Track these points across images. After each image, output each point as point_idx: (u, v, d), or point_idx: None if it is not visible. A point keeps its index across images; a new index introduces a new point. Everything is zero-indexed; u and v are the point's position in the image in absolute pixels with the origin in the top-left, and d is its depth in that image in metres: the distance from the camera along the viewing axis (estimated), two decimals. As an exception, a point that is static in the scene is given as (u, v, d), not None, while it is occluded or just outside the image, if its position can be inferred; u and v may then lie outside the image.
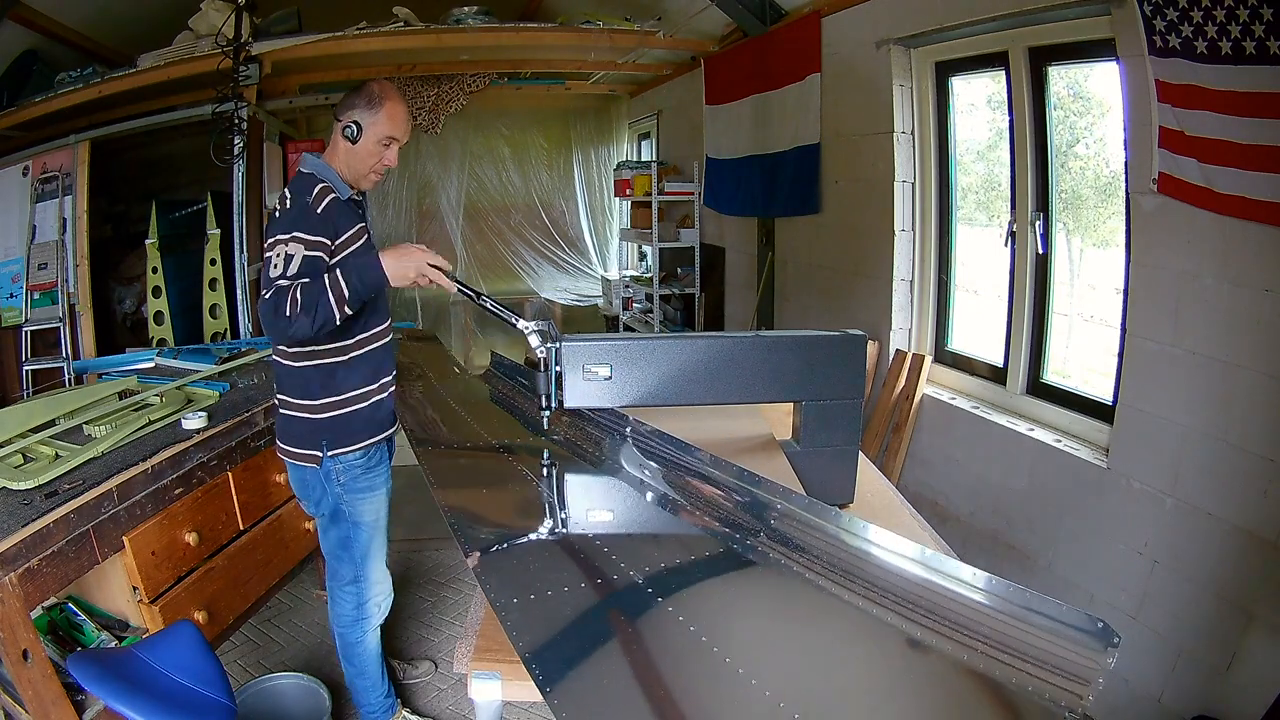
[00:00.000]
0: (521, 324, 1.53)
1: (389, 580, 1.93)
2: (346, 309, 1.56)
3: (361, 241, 1.70)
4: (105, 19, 3.95)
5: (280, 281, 1.53)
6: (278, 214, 1.65)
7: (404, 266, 1.59)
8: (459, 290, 1.68)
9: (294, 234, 1.56)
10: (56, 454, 1.78)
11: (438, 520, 1.27)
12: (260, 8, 3.75)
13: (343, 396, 1.74)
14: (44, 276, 3.69)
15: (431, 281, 1.62)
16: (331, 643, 2.44)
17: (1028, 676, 0.85)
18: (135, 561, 1.73)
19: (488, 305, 1.64)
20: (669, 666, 0.86)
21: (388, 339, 1.84)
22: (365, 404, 1.77)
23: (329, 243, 1.61)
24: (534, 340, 1.48)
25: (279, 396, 1.79)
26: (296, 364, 1.73)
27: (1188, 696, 1.85)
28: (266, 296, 1.54)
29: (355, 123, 1.66)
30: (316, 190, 1.62)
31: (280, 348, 1.73)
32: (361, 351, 1.76)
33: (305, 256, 1.56)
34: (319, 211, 1.61)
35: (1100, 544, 2.08)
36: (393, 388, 1.86)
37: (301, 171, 1.69)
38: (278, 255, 1.55)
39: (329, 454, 1.74)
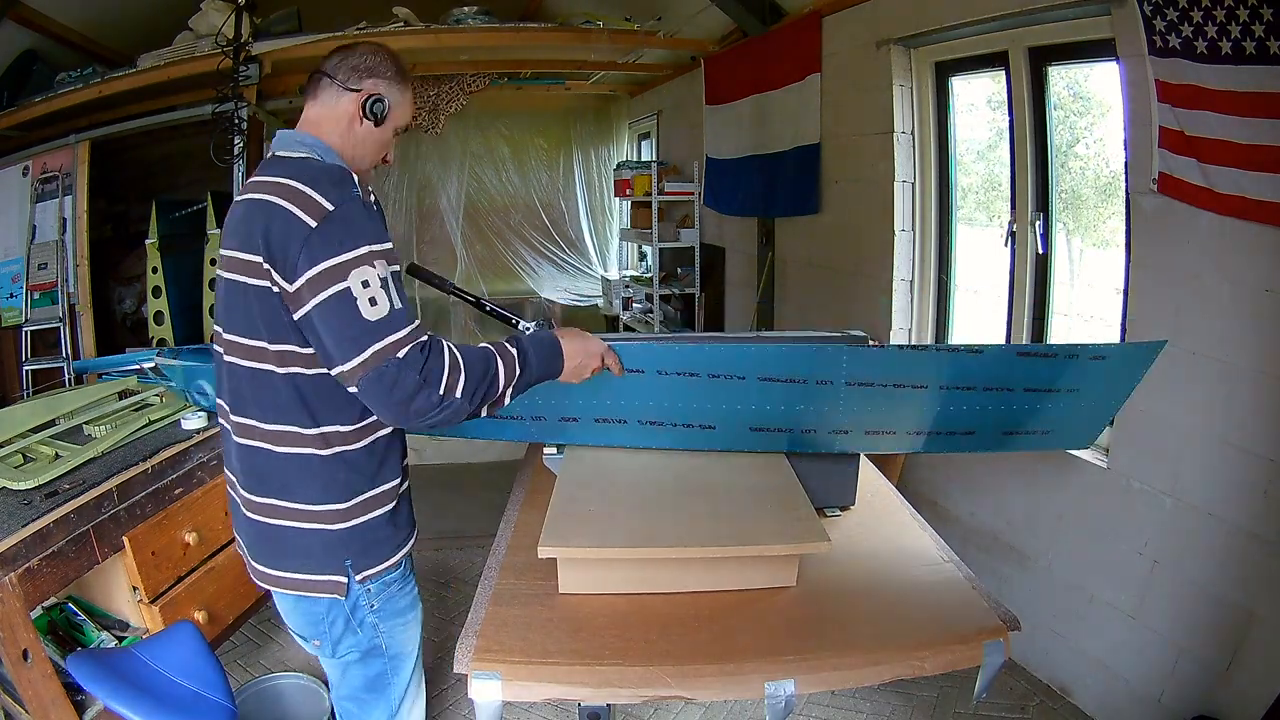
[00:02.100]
0: (522, 325, 1.53)
1: (423, 704, 1.48)
2: (508, 396, 1.16)
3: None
4: (105, 19, 3.95)
5: (404, 332, 1.04)
6: (314, 225, 1.04)
7: (583, 365, 1.24)
8: (458, 296, 1.65)
9: (372, 247, 1.06)
10: (56, 454, 1.78)
11: (438, 520, 1.28)
12: (260, 8, 3.74)
13: (375, 493, 1.23)
14: (44, 276, 3.69)
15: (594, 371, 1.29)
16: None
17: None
18: (135, 561, 1.73)
19: (488, 308, 1.63)
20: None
21: None
22: (396, 501, 1.28)
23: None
24: None
25: (274, 501, 1.20)
26: (328, 450, 1.17)
27: (1188, 696, 1.85)
28: (401, 356, 1.03)
29: (382, 97, 1.21)
30: (359, 183, 1.14)
31: (296, 429, 1.16)
32: (391, 430, 1.25)
33: (394, 274, 1.08)
34: (376, 210, 1.16)
35: (1100, 544, 2.08)
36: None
37: (298, 156, 1.16)
38: (361, 286, 1.03)
39: (357, 577, 1.23)
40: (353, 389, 1.07)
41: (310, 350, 1.11)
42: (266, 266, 1.07)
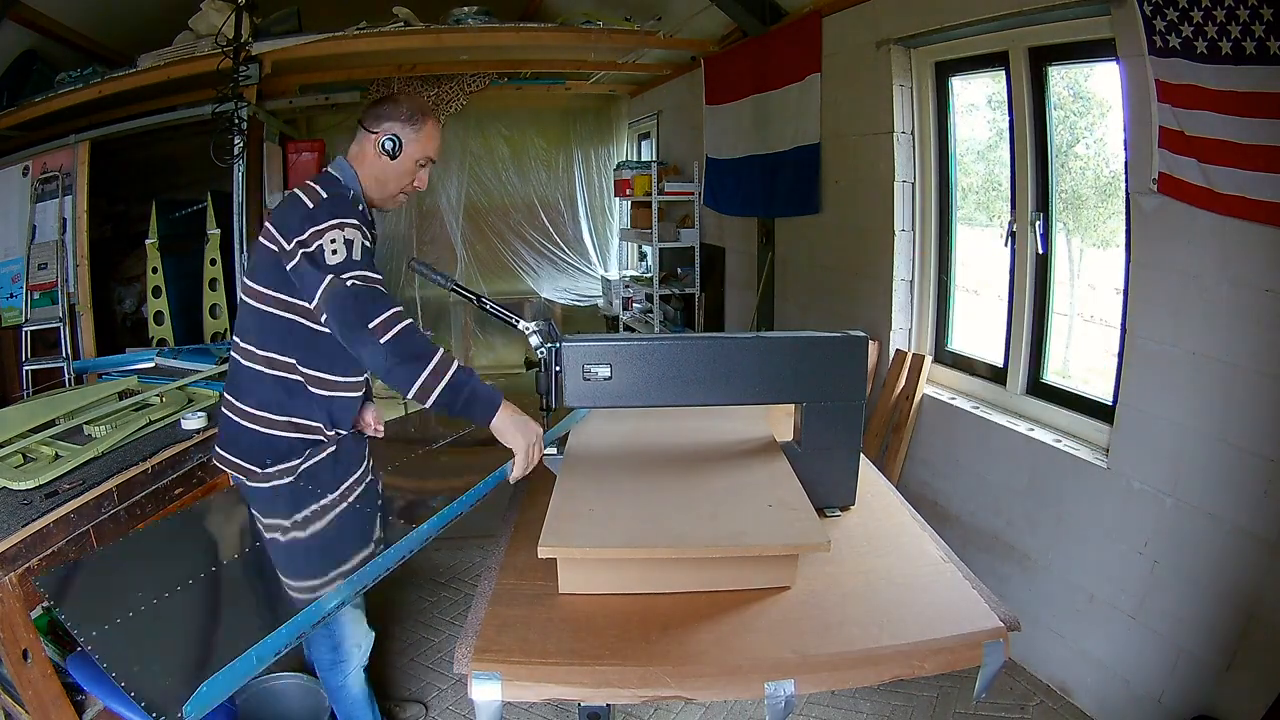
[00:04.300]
0: (522, 324, 1.53)
1: (365, 628, 1.78)
2: (434, 393, 1.33)
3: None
4: (105, 19, 3.95)
5: (363, 273, 1.35)
6: (310, 205, 1.43)
7: (522, 428, 1.38)
8: (457, 292, 1.66)
9: (343, 219, 1.39)
10: (56, 454, 1.78)
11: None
12: (260, 8, 3.74)
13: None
14: (44, 276, 3.68)
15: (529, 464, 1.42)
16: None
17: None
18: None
19: (488, 307, 1.63)
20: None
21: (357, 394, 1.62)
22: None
23: (371, 239, 1.46)
24: (534, 340, 1.47)
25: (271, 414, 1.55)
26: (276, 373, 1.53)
27: (1188, 696, 1.85)
28: (355, 285, 1.33)
29: (396, 136, 1.53)
30: (353, 195, 1.50)
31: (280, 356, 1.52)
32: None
33: (365, 247, 1.40)
34: (360, 209, 1.47)
35: (1100, 544, 2.08)
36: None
37: (330, 173, 1.55)
38: (332, 242, 1.36)
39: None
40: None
41: None
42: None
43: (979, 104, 2.73)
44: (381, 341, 1.31)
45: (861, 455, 1.60)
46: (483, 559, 1.41)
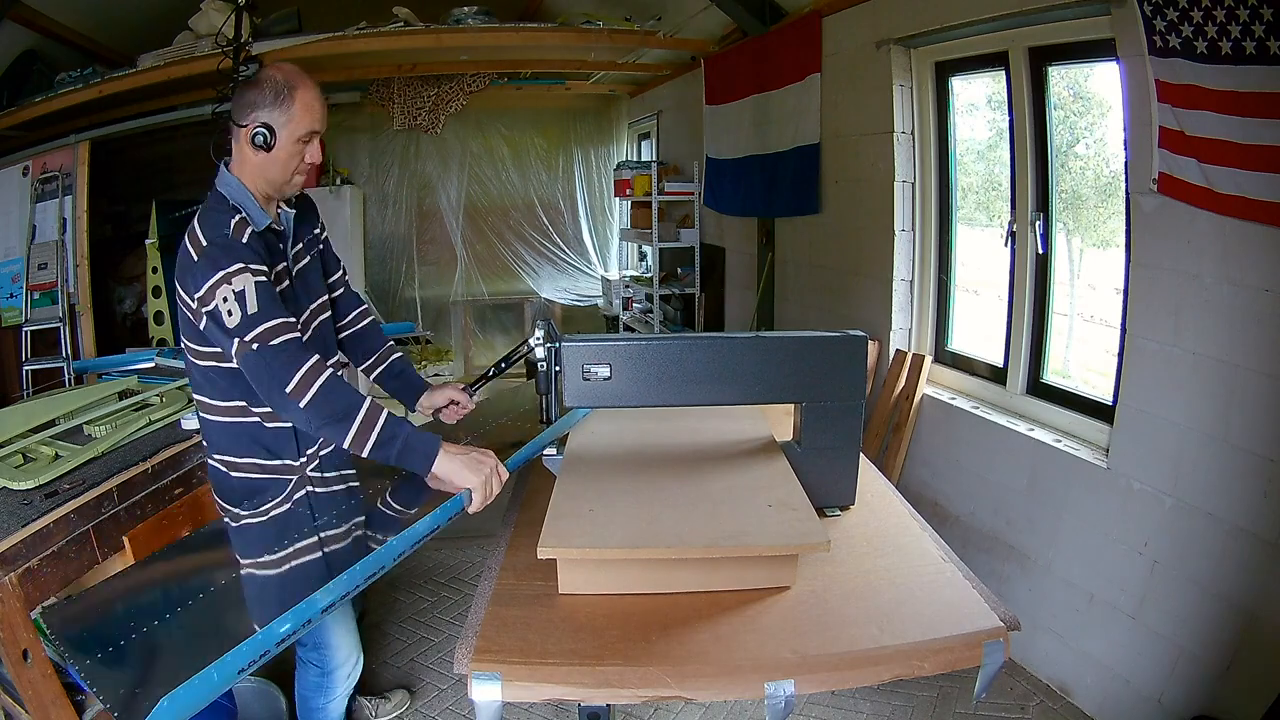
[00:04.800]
0: (531, 341, 1.51)
1: (358, 649, 1.76)
2: (367, 446, 1.28)
3: (283, 285, 1.43)
4: (105, 19, 3.95)
5: (266, 326, 1.26)
6: (195, 258, 1.31)
7: (471, 466, 1.31)
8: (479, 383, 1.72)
9: (226, 270, 1.27)
10: (56, 454, 1.78)
11: (438, 520, 1.28)
12: (260, 8, 3.74)
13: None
14: (44, 276, 3.69)
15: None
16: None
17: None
18: (135, 561, 1.73)
19: (504, 367, 1.66)
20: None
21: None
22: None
23: (265, 268, 1.33)
24: (539, 352, 1.47)
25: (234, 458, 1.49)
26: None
27: (1188, 696, 1.85)
28: (259, 349, 1.25)
29: (265, 126, 1.37)
30: (234, 223, 1.35)
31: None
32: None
33: (257, 284, 1.28)
34: (243, 242, 1.33)
35: (1100, 544, 2.08)
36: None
37: (215, 193, 1.41)
38: (225, 301, 1.26)
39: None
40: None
41: None
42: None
43: (979, 104, 2.73)
44: (301, 406, 1.26)
45: (861, 455, 1.60)
46: (483, 559, 1.41)
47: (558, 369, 1.44)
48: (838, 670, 1.11)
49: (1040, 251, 2.37)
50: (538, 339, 1.47)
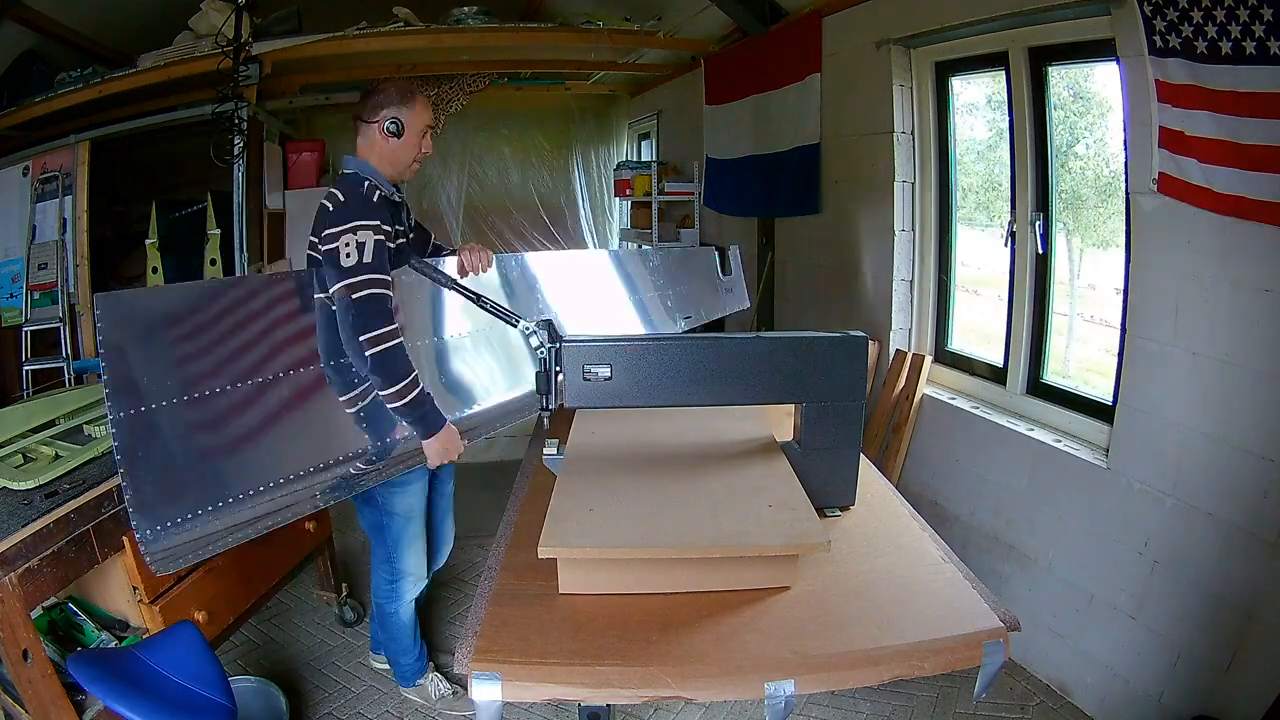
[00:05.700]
0: (523, 325, 1.53)
1: (423, 568, 2.02)
2: (401, 400, 1.59)
3: (398, 242, 1.73)
4: (105, 19, 3.94)
5: (371, 277, 1.54)
6: (331, 209, 1.63)
7: (440, 454, 1.68)
8: (458, 291, 1.68)
9: (358, 223, 1.58)
10: (56, 454, 1.78)
11: (438, 520, 1.28)
12: (260, 8, 3.74)
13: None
14: (44, 276, 3.68)
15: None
16: (331, 644, 2.45)
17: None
18: (135, 561, 1.73)
19: (488, 306, 1.64)
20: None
21: None
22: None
23: (389, 229, 1.64)
24: (534, 340, 1.48)
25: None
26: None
27: (1188, 696, 1.85)
28: (360, 297, 1.54)
29: (396, 118, 1.72)
30: (366, 185, 1.67)
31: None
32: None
33: (376, 242, 1.58)
34: (374, 201, 1.65)
35: (1100, 544, 2.08)
36: None
37: (345, 172, 1.73)
38: (346, 245, 1.56)
39: None
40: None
41: None
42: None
43: (979, 104, 2.73)
44: (366, 354, 1.55)
45: (861, 455, 1.60)
46: (483, 559, 1.41)
47: (558, 369, 1.44)
48: (838, 670, 1.11)
49: (1040, 251, 2.37)
50: (529, 327, 1.52)
